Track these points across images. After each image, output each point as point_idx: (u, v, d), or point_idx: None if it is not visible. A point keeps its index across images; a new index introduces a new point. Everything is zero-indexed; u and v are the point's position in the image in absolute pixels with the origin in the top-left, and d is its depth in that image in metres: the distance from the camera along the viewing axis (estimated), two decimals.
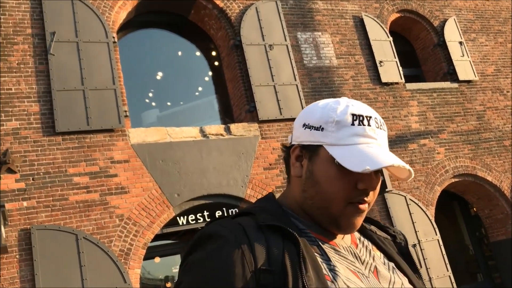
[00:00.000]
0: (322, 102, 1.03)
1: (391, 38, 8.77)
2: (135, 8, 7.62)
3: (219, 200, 6.81)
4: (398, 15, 9.35)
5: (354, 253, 1.01)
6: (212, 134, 7.04)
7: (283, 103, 7.52)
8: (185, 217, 6.78)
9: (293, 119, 7.56)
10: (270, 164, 7.20)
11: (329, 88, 8.02)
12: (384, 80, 8.37)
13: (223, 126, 7.23)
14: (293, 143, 1.04)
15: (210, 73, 8.65)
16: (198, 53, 8.71)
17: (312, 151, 0.99)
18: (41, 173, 5.96)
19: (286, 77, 7.72)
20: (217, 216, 6.89)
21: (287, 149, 1.06)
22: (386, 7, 9.15)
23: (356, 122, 0.97)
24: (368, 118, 0.98)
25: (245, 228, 0.91)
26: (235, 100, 7.93)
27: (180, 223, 6.74)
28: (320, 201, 0.97)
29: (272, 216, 0.96)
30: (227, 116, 8.14)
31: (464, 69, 9.18)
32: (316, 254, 0.94)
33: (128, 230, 6.12)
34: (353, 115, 0.97)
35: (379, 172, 1.00)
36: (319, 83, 8.02)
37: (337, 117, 0.97)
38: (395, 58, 8.63)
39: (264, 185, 7.03)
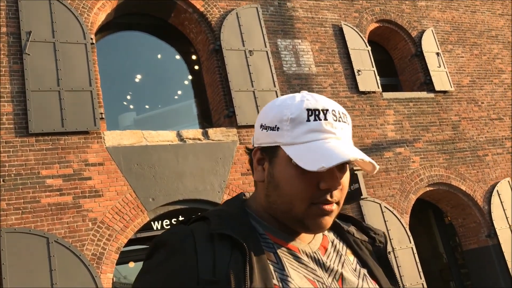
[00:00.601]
0: (280, 99, 0.98)
1: (369, 48, 8.88)
2: (114, 9, 7.55)
3: (195, 206, 6.76)
4: (377, 25, 9.48)
5: (319, 260, 0.96)
6: (190, 139, 7.00)
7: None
8: (160, 222, 6.72)
9: None
10: (248, 170, 7.19)
11: None
12: (361, 89, 8.46)
13: (201, 130, 7.21)
14: (254, 145, 1.00)
15: (190, 77, 8.62)
16: (178, 57, 8.68)
17: (271, 152, 0.95)
18: (12, 175, 5.84)
19: (266, 83, 7.74)
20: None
21: (250, 151, 1.02)
22: (366, 17, 9.27)
23: (312, 118, 0.92)
24: (325, 111, 0.92)
25: (195, 236, 0.89)
26: (214, 104, 7.91)
27: (155, 228, 6.68)
28: (283, 204, 0.93)
29: (228, 222, 0.93)
30: (206, 120, 8.12)
31: (441, 79, 9.34)
32: (270, 261, 0.90)
33: (101, 234, 6.03)
34: (308, 110, 0.92)
35: (344, 167, 0.95)
36: (298, 90, 8.05)
37: (291, 114, 0.92)
38: (373, 67, 8.74)
39: (241, 191, 7.00)
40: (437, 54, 9.54)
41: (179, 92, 8.74)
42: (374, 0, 9.54)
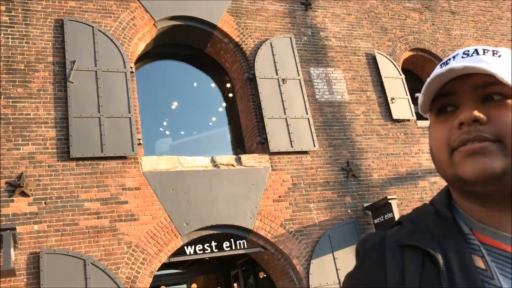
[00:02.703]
0: None
1: (403, 76, 8.88)
2: (153, 40, 7.86)
3: (228, 231, 6.82)
4: (411, 53, 9.49)
5: None
6: (223, 164, 7.12)
7: (294, 136, 7.61)
8: (193, 246, 6.80)
9: (304, 152, 7.62)
10: (280, 196, 7.23)
11: (340, 123, 8.10)
12: (395, 117, 8.43)
13: (234, 156, 7.32)
14: None
15: (224, 104, 8.81)
16: (213, 85, 8.90)
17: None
18: (54, 198, 6.06)
19: (298, 110, 7.83)
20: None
21: None
22: (399, 46, 9.30)
23: (442, 66, 0.81)
24: (456, 55, 0.81)
25: (386, 244, 0.83)
26: (247, 131, 8.04)
27: (188, 253, 6.76)
28: (438, 168, 0.81)
29: (421, 226, 0.83)
30: (239, 147, 8.24)
31: None
32: (479, 267, 0.74)
33: (136, 257, 6.15)
34: (441, 64, 0.83)
35: (497, 97, 0.76)
36: (330, 118, 8.11)
37: (428, 78, 0.85)
38: (407, 95, 8.71)
39: (273, 217, 7.04)
40: None
41: (214, 119, 8.92)
42: (407, 29, 9.58)
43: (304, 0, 8.89)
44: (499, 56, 0.79)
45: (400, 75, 8.87)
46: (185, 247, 6.74)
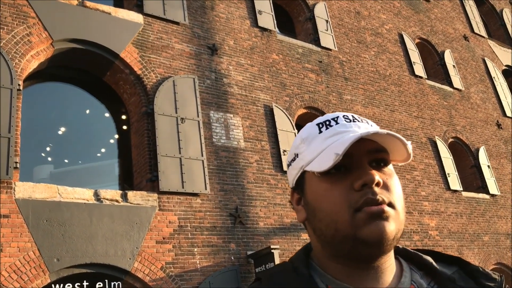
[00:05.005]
0: None
1: (296, 131, 9.30)
2: (48, 59, 7.41)
3: (103, 271, 6.38)
4: (305, 110, 10.02)
5: None
6: (107, 199, 6.75)
7: (187, 176, 7.50)
8: (62, 285, 6.23)
9: (194, 194, 7.52)
10: (164, 238, 6.98)
11: (234, 168, 8.18)
12: (285, 168, 8.73)
13: (120, 192, 6.98)
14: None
15: (116, 136, 8.47)
16: (107, 114, 8.55)
17: (301, 183, 0.89)
18: None
19: (194, 151, 7.78)
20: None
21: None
22: (295, 102, 9.79)
23: (323, 128, 0.87)
24: (335, 118, 0.88)
25: None
26: (138, 167, 7.76)
27: None
28: (328, 229, 0.82)
29: (279, 281, 0.86)
30: (127, 182, 7.90)
31: None
32: None
33: None
34: (318, 124, 0.89)
35: (381, 165, 0.85)
36: (224, 162, 8.16)
37: (304, 135, 0.90)
38: None
39: (154, 260, 6.76)
40: None
41: (103, 150, 8.51)
42: (304, 88, 10.15)
43: (211, 45, 9.06)
44: (371, 125, 0.89)
45: (294, 129, 9.29)
46: (53, 285, 6.15)
